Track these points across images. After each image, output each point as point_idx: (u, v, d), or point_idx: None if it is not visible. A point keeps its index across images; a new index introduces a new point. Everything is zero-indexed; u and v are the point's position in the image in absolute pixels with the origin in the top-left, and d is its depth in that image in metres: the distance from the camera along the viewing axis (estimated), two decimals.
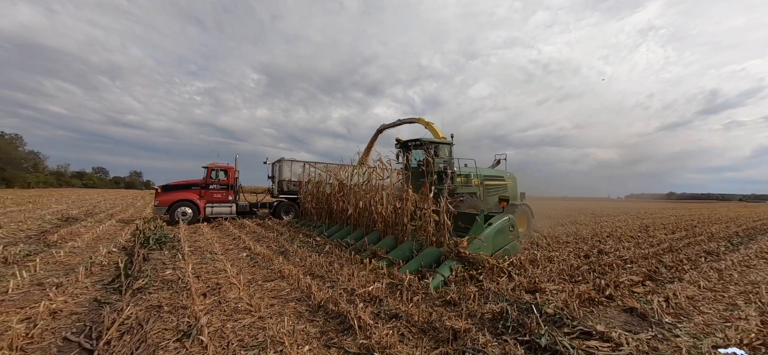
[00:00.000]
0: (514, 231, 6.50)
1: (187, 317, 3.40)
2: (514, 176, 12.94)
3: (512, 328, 3.44)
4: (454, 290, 4.47)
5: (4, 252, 6.00)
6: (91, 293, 4.43)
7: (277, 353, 2.84)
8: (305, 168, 14.40)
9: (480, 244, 5.82)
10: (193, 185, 12.75)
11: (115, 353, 2.80)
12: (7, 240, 7.81)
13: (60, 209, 16.07)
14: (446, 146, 10.75)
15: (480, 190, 11.27)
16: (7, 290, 4.30)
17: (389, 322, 3.60)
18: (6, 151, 41.75)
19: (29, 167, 47.68)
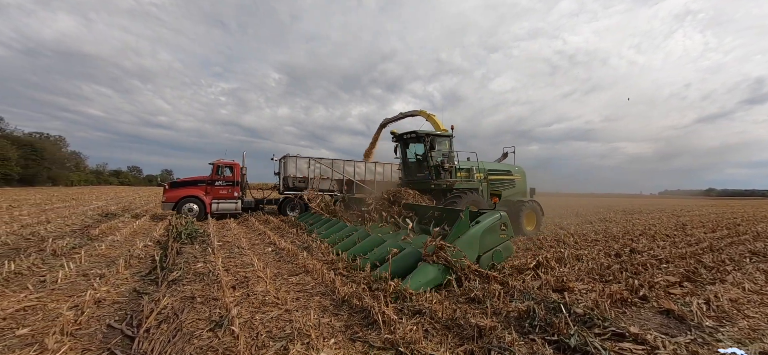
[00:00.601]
0: (506, 230, 5.75)
1: (218, 308, 3.55)
2: (522, 170, 12.13)
3: (539, 327, 3.36)
4: (478, 288, 4.41)
5: (53, 245, 6.48)
6: (130, 283, 4.71)
7: (304, 345, 2.91)
8: (310, 164, 14.36)
9: (463, 245, 5.08)
10: (200, 182, 12.90)
11: (154, 340, 2.97)
12: (56, 234, 8.43)
13: (100, 205, 17.14)
14: (445, 139, 10.12)
15: (483, 185, 10.62)
16: (56, 280, 4.65)
17: (413, 317, 3.61)
18: (51, 152, 44.92)
19: (72, 167, 51.08)
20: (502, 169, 11.55)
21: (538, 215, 10.56)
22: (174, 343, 2.91)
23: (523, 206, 10.07)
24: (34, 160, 38.83)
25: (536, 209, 10.52)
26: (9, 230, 8.65)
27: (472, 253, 5.20)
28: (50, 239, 7.34)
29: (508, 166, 11.87)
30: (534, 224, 10.44)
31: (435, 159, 9.57)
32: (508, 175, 11.41)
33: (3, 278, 4.61)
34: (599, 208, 26.48)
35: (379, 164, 15.63)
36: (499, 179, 11.11)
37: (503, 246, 5.66)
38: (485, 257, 5.39)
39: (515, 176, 11.60)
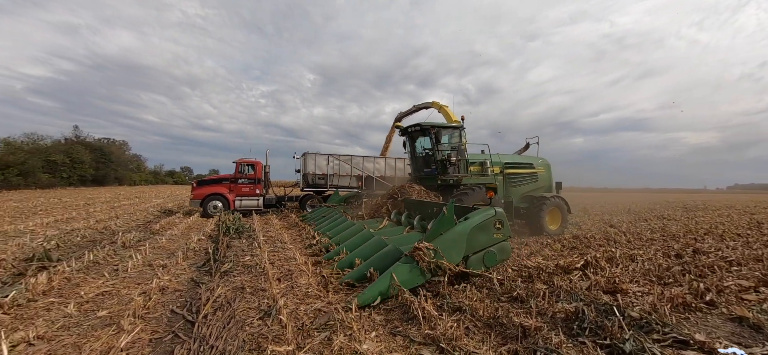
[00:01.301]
0: (502, 229, 4.98)
1: (266, 298, 3.77)
2: (547, 163, 10.97)
3: (589, 330, 3.18)
4: (522, 287, 4.26)
5: (122, 238, 7.24)
6: (188, 273, 5.15)
7: (347, 337, 3.00)
8: (329, 161, 14.50)
9: (445, 244, 4.50)
10: (224, 180, 13.50)
11: (211, 325, 3.22)
12: (124, 228, 9.40)
13: (158, 202, 18.81)
14: (454, 131, 9.36)
15: (499, 180, 9.64)
16: (127, 269, 5.20)
17: (453, 314, 3.58)
18: (117, 155, 50.03)
19: (134, 168, 56.52)
20: (523, 161, 10.52)
21: (564, 212, 9.68)
22: (229, 329, 3.14)
23: (546, 203, 9.22)
24: (104, 162, 43.49)
25: (561, 205, 9.60)
26: (86, 225, 9.79)
27: (456, 253, 4.57)
28: (120, 232, 8.21)
29: (529, 158, 10.84)
30: (558, 222, 9.58)
31: (442, 153, 8.93)
32: (529, 168, 10.40)
33: (84, 267, 5.25)
34: (655, 204, 24.34)
35: (399, 160, 15.53)
36: (519, 173, 10.11)
37: (498, 247, 4.91)
38: (475, 259, 4.72)
39: (538, 170, 10.53)
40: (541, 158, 10.92)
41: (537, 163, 10.60)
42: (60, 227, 9.28)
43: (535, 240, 8.24)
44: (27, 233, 8.23)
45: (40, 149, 33.79)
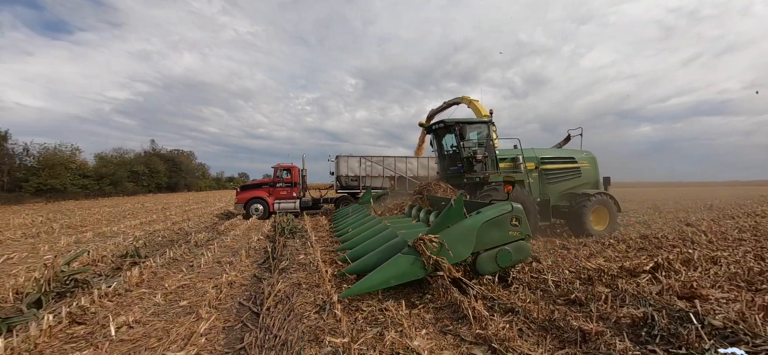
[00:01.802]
0: (519, 227, 4.61)
1: (321, 294, 4.01)
2: (592, 157, 9.86)
3: (660, 337, 2.92)
4: (580, 289, 4.03)
5: (195, 238, 8.12)
6: (251, 270, 5.63)
7: (398, 333, 3.09)
8: (361, 162, 14.58)
9: (451, 238, 4.20)
10: (264, 184, 14.21)
11: (274, 317, 3.52)
12: (195, 229, 10.51)
13: (221, 206, 20.66)
14: (481, 126, 8.81)
15: (534, 177, 8.89)
16: (200, 265, 5.83)
17: (505, 315, 3.51)
18: (186, 164, 55.74)
19: (199, 176, 62.51)
20: (563, 156, 9.61)
21: (612, 211, 8.71)
22: (289, 321, 3.40)
23: (589, 201, 8.34)
24: (175, 171, 48.76)
25: (608, 203, 8.67)
26: (164, 226, 11.11)
27: (463, 248, 4.27)
28: (192, 233, 9.21)
29: (571, 152, 9.87)
30: (606, 222, 8.66)
31: (467, 149, 8.51)
32: (570, 163, 9.47)
33: (166, 263, 5.99)
34: (744, 199, 21.13)
35: (432, 159, 15.19)
36: (558, 168, 9.25)
37: (514, 246, 4.54)
38: (486, 256, 4.44)
39: (581, 164, 9.56)
40: (585, 151, 9.90)
41: (580, 157, 9.64)
42: (144, 229, 10.65)
43: (595, 241, 7.65)
44: (120, 234, 9.58)
45: (125, 162, 38.91)
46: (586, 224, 8.22)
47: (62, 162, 28.88)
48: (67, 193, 27.48)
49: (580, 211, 8.30)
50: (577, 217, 8.39)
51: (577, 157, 9.57)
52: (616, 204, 8.77)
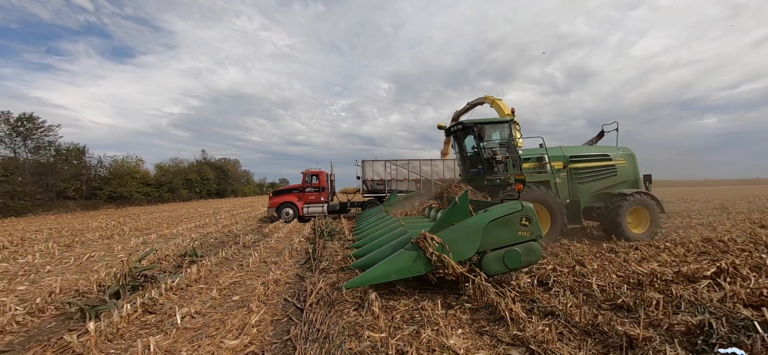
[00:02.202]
0: (529, 227, 4.38)
1: (359, 292, 4.18)
2: (630, 153, 8.96)
3: (720, 346, 2.71)
4: (627, 293, 3.82)
5: (243, 240, 8.74)
6: (294, 269, 5.98)
7: (434, 331, 3.17)
8: (386, 166, 14.60)
9: (454, 236, 4.17)
10: (294, 190, 14.72)
11: (316, 313, 3.75)
12: (243, 232, 11.28)
13: (264, 211, 21.83)
14: (502, 126, 8.43)
15: (562, 177, 8.29)
16: (248, 264, 6.30)
17: (544, 318, 3.44)
18: (232, 172, 59.62)
19: (244, 182, 66.49)
20: (595, 153, 8.86)
21: (653, 212, 7.89)
22: (330, 316, 3.61)
23: (625, 201, 7.70)
24: (223, 178, 52.34)
25: (648, 203, 7.89)
26: (216, 229, 12.04)
27: (468, 247, 4.20)
28: (241, 235, 9.91)
29: (605, 149, 9.07)
30: (646, 224, 7.90)
31: (487, 150, 8.24)
32: (604, 160, 8.70)
33: (219, 262, 6.54)
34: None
35: (458, 161, 14.99)
36: (590, 167, 8.54)
37: (524, 248, 4.33)
38: (492, 256, 4.27)
39: (616, 162, 8.75)
40: (621, 148, 9.09)
41: (615, 154, 8.86)
42: (199, 231, 11.63)
43: (648, 244, 7.11)
44: (178, 236, 10.56)
45: (180, 170, 42.50)
46: (622, 227, 7.60)
47: (129, 172, 32.25)
48: (133, 199, 30.64)
49: (616, 212, 7.67)
50: (612, 219, 7.74)
51: (612, 154, 8.82)
52: (658, 205, 7.99)
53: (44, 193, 24.55)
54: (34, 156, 26.70)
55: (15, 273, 6.20)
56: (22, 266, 6.70)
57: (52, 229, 12.96)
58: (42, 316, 4.11)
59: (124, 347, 3.21)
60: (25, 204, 21.77)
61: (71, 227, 13.39)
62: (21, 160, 25.33)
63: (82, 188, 28.23)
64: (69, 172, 27.55)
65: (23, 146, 26.31)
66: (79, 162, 29.33)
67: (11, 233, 11.75)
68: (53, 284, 5.19)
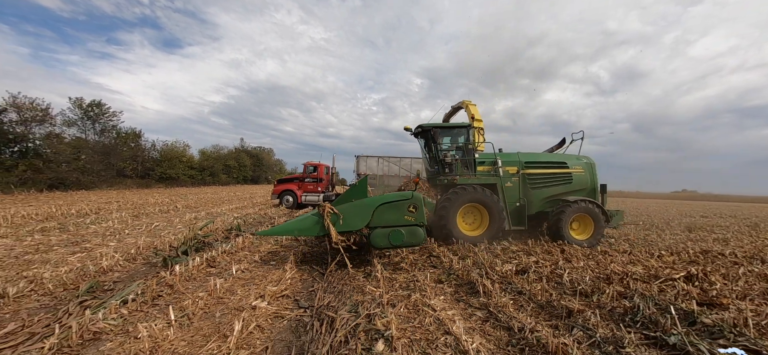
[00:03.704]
0: (415, 214, 5.34)
1: (369, 265, 5.23)
2: (589, 163, 9.04)
3: (641, 323, 3.48)
4: (588, 284, 4.57)
5: (277, 220, 10.09)
6: (320, 246, 7.15)
7: (422, 296, 4.13)
8: (379, 162, 15.41)
9: (349, 210, 5.29)
10: (295, 179, 16.18)
11: (334, 276, 4.84)
12: (277, 215, 12.74)
13: None
14: (459, 130, 8.80)
15: (514, 181, 8.52)
16: (282, 240, 7.55)
17: (511, 295, 4.30)
18: (267, 160, 63.05)
19: (277, 170, 70.02)
20: (552, 160, 9.03)
21: (598, 220, 8.03)
22: (344, 281, 4.69)
23: (567, 208, 7.96)
24: (258, 166, 55.64)
25: (593, 212, 8.01)
26: (253, 211, 13.62)
27: (359, 220, 5.30)
28: (275, 217, 11.31)
29: (562, 157, 9.22)
30: (589, 231, 8.10)
31: (440, 153, 8.70)
32: (560, 167, 8.87)
33: (258, 235, 7.86)
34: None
35: None
36: (545, 173, 8.77)
37: (408, 230, 5.30)
38: (380, 232, 5.27)
39: (573, 170, 8.90)
40: (581, 157, 9.23)
41: (573, 162, 9.00)
42: (239, 211, 13.26)
43: (646, 250, 7.54)
44: (223, 214, 12.19)
45: (221, 157, 45.89)
46: (562, 231, 7.89)
47: (177, 156, 35.54)
48: (179, 180, 33.81)
49: (558, 218, 7.99)
50: (554, 223, 8.05)
51: (570, 162, 9.00)
52: (603, 214, 8.22)
53: (107, 170, 27.88)
54: (99, 138, 30.32)
55: (104, 234, 7.88)
56: (107, 229, 8.42)
57: (119, 202, 15.21)
58: (135, 263, 5.54)
59: (198, 284, 4.48)
60: (93, 179, 24.98)
61: (133, 202, 15.60)
62: (89, 141, 28.90)
63: (137, 168, 31.62)
64: (127, 153, 30.98)
65: (92, 129, 29.96)
66: (135, 144, 32.81)
67: (88, 204, 14.02)
68: (136, 242, 6.70)
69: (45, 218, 9.85)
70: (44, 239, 7.09)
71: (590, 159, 9.22)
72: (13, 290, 3.85)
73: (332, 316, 3.41)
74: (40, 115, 24.06)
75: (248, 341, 3.02)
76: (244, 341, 3.01)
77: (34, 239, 6.98)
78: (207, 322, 3.38)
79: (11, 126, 22.25)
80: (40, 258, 5.61)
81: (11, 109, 22.48)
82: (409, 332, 3.22)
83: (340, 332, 3.05)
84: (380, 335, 2.96)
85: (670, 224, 14.16)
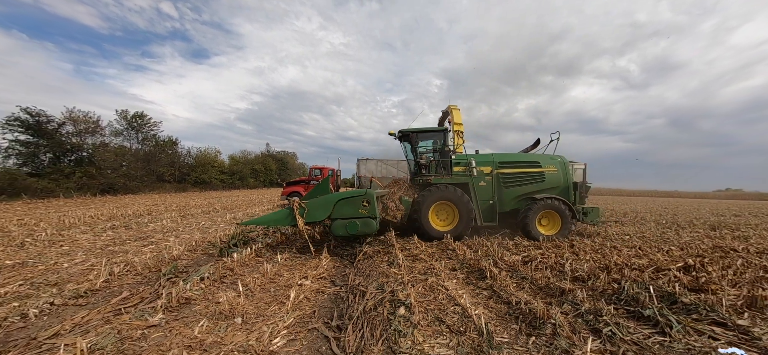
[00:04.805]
0: (368, 208, 6.37)
1: (391, 254, 6.03)
2: (562, 162, 9.31)
3: (625, 301, 4.07)
4: (585, 270, 5.16)
5: None
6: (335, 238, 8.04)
7: (437, 279, 4.89)
8: (377, 165, 15.99)
9: (314, 204, 6.41)
10: (301, 181, 17.54)
11: (362, 264, 5.68)
12: None
13: None
14: (437, 134, 9.34)
15: (487, 180, 8.94)
16: (315, 234, 8.49)
17: (516, 279, 4.97)
18: (291, 163, 65.39)
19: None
20: (525, 160, 9.37)
21: (565, 217, 8.50)
22: (372, 268, 5.51)
23: (535, 205, 8.42)
24: (283, 170, 57.88)
25: (560, 208, 8.51)
26: None
27: (321, 213, 6.42)
28: None
29: (535, 157, 9.51)
30: (557, 227, 8.46)
31: (418, 156, 9.31)
32: (533, 167, 9.27)
33: (294, 232, 8.85)
34: None
35: None
36: (518, 172, 9.16)
37: (362, 221, 6.39)
38: (339, 223, 6.41)
39: (546, 169, 9.25)
40: (555, 156, 9.52)
41: (545, 162, 9.31)
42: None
43: (655, 246, 7.89)
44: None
45: (249, 161, 48.27)
46: (529, 228, 8.31)
47: (209, 161, 37.90)
48: (211, 185, 36.05)
49: (526, 214, 8.44)
50: (522, 220, 8.48)
51: (543, 162, 9.34)
52: (570, 210, 8.58)
53: (148, 176, 30.31)
54: (141, 146, 32.96)
55: (162, 230, 9.14)
56: (163, 227, 9.70)
57: (164, 204, 16.85)
58: (195, 253, 6.63)
59: (251, 269, 5.46)
60: (137, 184, 27.31)
61: (176, 204, 17.21)
62: (132, 149, 31.52)
63: (175, 173, 34.05)
64: (166, 160, 33.46)
65: (135, 138, 32.63)
66: (172, 152, 35.34)
67: (139, 206, 15.69)
68: (191, 237, 7.84)
69: (109, 219, 11.35)
70: (116, 235, 8.40)
71: (563, 158, 9.61)
72: (118, 269, 4.96)
73: (363, 290, 4.25)
74: (91, 127, 26.64)
75: (300, 306, 3.91)
76: (296, 305, 3.89)
77: (108, 235, 8.29)
78: (266, 294, 4.31)
79: (68, 137, 24.82)
80: (120, 249, 6.82)
81: (68, 122, 25.08)
82: (425, 304, 4.00)
83: (369, 301, 3.87)
84: (402, 303, 3.76)
85: (694, 222, 14.05)
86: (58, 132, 23.73)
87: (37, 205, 15.75)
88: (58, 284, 4.53)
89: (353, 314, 3.62)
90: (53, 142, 23.12)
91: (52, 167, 22.56)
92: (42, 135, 22.69)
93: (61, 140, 23.82)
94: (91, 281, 4.58)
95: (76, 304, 3.91)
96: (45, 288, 4.37)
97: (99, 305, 3.84)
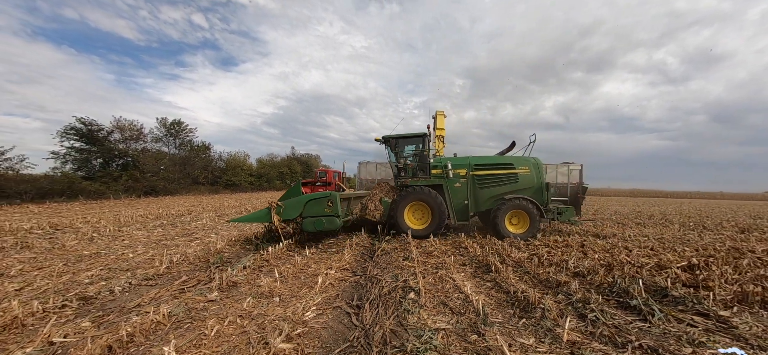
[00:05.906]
0: (332, 207, 7.22)
1: (407, 251, 6.66)
2: (536, 163, 9.51)
3: (617, 293, 4.48)
4: (586, 266, 5.56)
5: None
6: (367, 239, 8.73)
7: (447, 272, 5.46)
8: (377, 168, 16.37)
9: (288, 204, 7.38)
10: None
11: (380, 259, 6.34)
12: None
13: None
14: (417, 139, 9.79)
15: (462, 182, 9.36)
16: (337, 233, 9.26)
17: (518, 273, 5.46)
18: (314, 165, 67.33)
19: None
20: (499, 162, 9.73)
21: (533, 217, 8.78)
22: (388, 261, 6.17)
23: (504, 205, 8.83)
24: (307, 172, 59.80)
25: (528, 208, 8.81)
26: None
27: (294, 212, 7.34)
28: None
29: (509, 158, 9.73)
30: (525, 225, 8.77)
31: (398, 160, 9.90)
32: (507, 169, 9.55)
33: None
34: None
35: None
36: (492, 174, 9.48)
37: (327, 219, 7.22)
38: (309, 220, 7.30)
39: (519, 170, 9.52)
40: (529, 158, 9.76)
41: (519, 163, 9.62)
42: None
43: (668, 246, 8.01)
44: None
45: (275, 164, 50.40)
46: (498, 226, 8.70)
47: (239, 164, 40.03)
48: (241, 187, 38.08)
49: (495, 214, 8.79)
50: (492, 219, 8.83)
51: (516, 163, 9.59)
52: (538, 209, 8.88)
53: (184, 179, 32.55)
54: (178, 151, 35.42)
55: (203, 228, 10.23)
56: (204, 225, 10.82)
57: (201, 205, 18.31)
58: (235, 247, 7.55)
59: (284, 260, 6.26)
60: (175, 187, 29.45)
61: (212, 205, 18.65)
62: (169, 154, 33.96)
63: (208, 176, 36.29)
64: (200, 163, 35.76)
65: (173, 143, 35.12)
66: (206, 156, 37.67)
67: (179, 207, 17.19)
68: (230, 234, 8.82)
69: (156, 218, 12.69)
70: (165, 231, 9.55)
71: (537, 160, 9.89)
72: (176, 259, 5.91)
73: (380, 279, 4.91)
74: (136, 134, 29.07)
75: (326, 290, 4.63)
76: (323, 289, 4.62)
77: (159, 232, 9.45)
78: (297, 280, 5.07)
79: (116, 144, 27.24)
80: (171, 243, 7.87)
81: (116, 130, 27.54)
82: (433, 291, 4.60)
83: (384, 287, 4.53)
84: (412, 289, 4.39)
85: (724, 224, 13.65)
86: (107, 139, 26.13)
87: (92, 205, 17.64)
88: (130, 270, 5.51)
89: (370, 297, 4.29)
90: (103, 149, 25.49)
91: (102, 171, 24.89)
92: (93, 142, 25.09)
93: (110, 147, 26.21)
94: (155, 267, 5.54)
95: (148, 284, 4.83)
96: (121, 272, 5.36)
97: (165, 285, 4.74)
